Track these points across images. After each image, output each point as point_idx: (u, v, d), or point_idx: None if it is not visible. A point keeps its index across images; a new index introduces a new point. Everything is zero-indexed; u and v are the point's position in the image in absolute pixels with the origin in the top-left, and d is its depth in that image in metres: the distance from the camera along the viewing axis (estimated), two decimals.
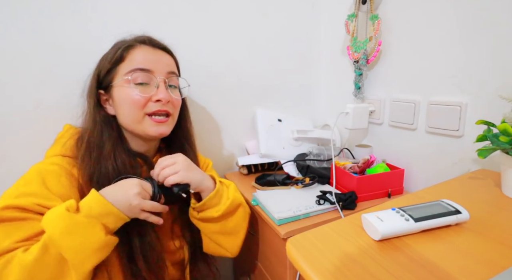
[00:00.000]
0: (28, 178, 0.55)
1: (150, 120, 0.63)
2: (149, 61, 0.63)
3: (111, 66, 0.63)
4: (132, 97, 0.61)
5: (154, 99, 0.62)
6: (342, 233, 0.44)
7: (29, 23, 0.73)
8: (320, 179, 0.90)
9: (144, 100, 0.62)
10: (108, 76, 0.63)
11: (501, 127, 0.52)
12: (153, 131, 0.64)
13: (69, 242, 0.45)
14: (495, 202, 0.52)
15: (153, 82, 0.63)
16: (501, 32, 0.63)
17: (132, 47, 0.63)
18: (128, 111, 0.62)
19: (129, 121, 0.63)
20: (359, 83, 0.98)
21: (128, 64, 0.62)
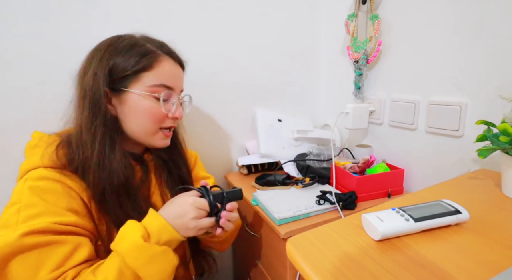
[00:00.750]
0: (25, 199, 0.49)
1: (162, 134, 0.65)
2: (173, 78, 0.63)
3: (134, 72, 0.58)
4: (154, 110, 0.61)
5: (171, 116, 0.64)
6: (342, 233, 0.44)
7: (29, 23, 0.73)
8: (320, 179, 0.90)
9: (161, 116, 0.62)
10: (126, 80, 0.58)
11: (501, 127, 0.52)
12: (161, 143, 0.65)
13: (151, 271, 0.49)
14: (495, 202, 0.52)
15: (172, 99, 0.64)
16: (501, 32, 0.63)
17: (160, 57, 0.61)
18: (143, 122, 0.61)
19: (140, 131, 0.62)
20: (359, 83, 0.98)
21: (155, 75, 0.59)
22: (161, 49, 0.62)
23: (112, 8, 0.82)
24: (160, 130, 0.64)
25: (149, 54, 0.59)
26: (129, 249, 0.49)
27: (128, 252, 0.49)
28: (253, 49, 1.06)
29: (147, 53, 0.59)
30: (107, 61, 0.58)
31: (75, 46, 0.78)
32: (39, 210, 0.49)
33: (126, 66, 0.58)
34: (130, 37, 0.61)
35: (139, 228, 0.51)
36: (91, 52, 0.61)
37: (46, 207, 0.49)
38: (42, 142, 0.58)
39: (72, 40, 0.78)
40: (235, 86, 1.05)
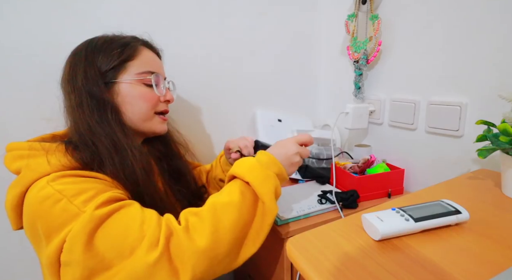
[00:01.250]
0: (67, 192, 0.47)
1: (158, 118, 0.68)
2: (156, 65, 0.67)
3: (119, 63, 0.61)
4: (147, 95, 0.63)
5: (164, 99, 0.67)
6: (342, 233, 0.44)
7: (29, 23, 0.73)
8: (320, 179, 0.90)
9: (155, 100, 0.65)
10: (114, 71, 0.61)
11: (501, 127, 0.52)
12: (160, 128, 0.68)
13: (266, 189, 0.55)
14: (495, 202, 0.52)
15: (161, 84, 0.67)
16: (501, 32, 0.63)
17: (139, 47, 0.65)
18: (140, 108, 0.63)
19: (138, 118, 0.64)
20: (359, 83, 0.98)
21: (139, 63, 0.63)
22: (136, 40, 0.66)
23: (112, 8, 0.82)
24: (156, 114, 0.67)
25: (129, 44, 0.63)
26: (248, 169, 0.57)
27: (248, 172, 0.56)
28: (253, 49, 1.06)
29: (127, 44, 0.63)
30: (92, 58, 0.60)
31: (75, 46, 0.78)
32: (91, 192, 0.48)
33: (111, 58, 0.61)
34: (104, 36, 0.64)
35: (253, 158, 0.59)
36: (70, 57, 0.62)
37: (95, 187, 0.49)
38: (37, 150, 0.53)
39: (72, 41, 0.78)
40: (235, 86, 1.05)
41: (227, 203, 0.52)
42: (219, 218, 0.50)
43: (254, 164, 0.58)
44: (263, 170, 0.57)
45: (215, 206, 0.52)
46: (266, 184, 0.56)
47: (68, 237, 0.44)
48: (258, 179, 0.56)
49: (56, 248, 0.44)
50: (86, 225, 0.44)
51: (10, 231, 0.60)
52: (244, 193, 0.55)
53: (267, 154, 0.61)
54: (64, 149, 0.54)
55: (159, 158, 0.73)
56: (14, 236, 0.79)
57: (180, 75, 0.75)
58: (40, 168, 0.50)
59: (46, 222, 0.46)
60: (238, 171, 0.57)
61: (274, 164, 0.59)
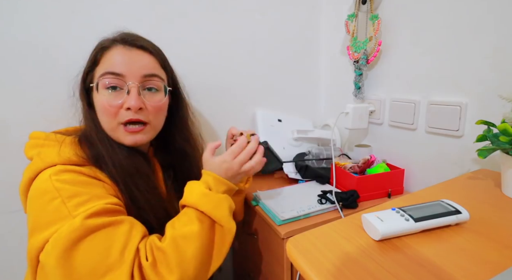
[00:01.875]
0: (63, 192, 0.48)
1: (123, 130, 0.58)
2: (122, 64, 0.57)
3: (89, 69, 0.60)
4: (102, 104, 0.57)
5: (125, 107, 0.57)
6: (342, 233, 0.44)
7: (30, 23, 0.73)
8: (320, 179, 0.90)
9: (114, 109, 0.57)
10: (87, 79, 0.61)
11: (501, 127, 0.52)
12: (128, 140, 0.59)
13: (220, 213, 0.56)
14: (495, 202, 0.52)
15: (124, 88, 0.57)
16: (501, 32, 0.63)
17: (107, 48, 0.59)
18: (102, 118, 0.58)
19: (106, 129, 0.59)
20: (359, 83, 0.98)
21: (102, 66, 0.58)
22: (113, 39, 0.60)
23: (112, 8, 0.82)
24: (122, 125, 0.58)
25: (98, 48, 0.60)
26: (199, 198, 0.56)
27: (199, 200, 0.56)
28: (253, 49, 1.05)
29: (97, 48, 0.61)
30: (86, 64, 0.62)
31: (76, 46, 0.78)
32: (86, 197, 0.49)
33: (87, 65, 0.61)
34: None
35: (202, 183, 0.59)
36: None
37: (90, 193, 0.50)
38: (51, 141, 0.57)
39: (72, 40, 0.78)
40: (235, 86, 1.05)
41: (187, 234, 0.52)
42: (183, 250, 0.51)
43: (203, 191, 0.57)
44: (213, 194, 0.58)
45: (176, 240, 0.51)
46: (219, 208, 0.57)
47: (52, 237, 0.44)
48: (211, 205, 0.56)
49: (38, 246, 0.45)
50: (73, 231, 0.44)
51: (10, 231, 0.60)
52: (201, 220, 0.55)
53: (211, 175, 0.60)
54: (76, 142, 0.58)
55: (167, 167, 0.72)
56: (14, 236, 0.79)
57: (179, 75, 0.75)
58: (48, 158, 0.53)
59: (37, 216, 0.48)
60: (191, 201, 0.57)
61: (221, 183, 0.60)
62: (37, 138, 0.58)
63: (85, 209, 0.47)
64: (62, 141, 0.56)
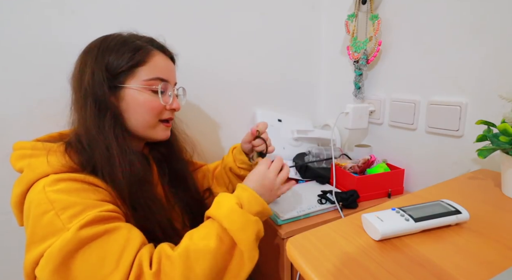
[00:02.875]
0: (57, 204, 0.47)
1: (162, 126, 0.66)
2: (167, 71, 0.65)
3: (128, 67, 0.59)
4: (152, 104, 0.61)
5: (170, 107, 0.65)
6: (342, 233, 0.44)
7: (30, 23, 0.73)
8: (320, 179, 0.90)
9: (162, 108, 0.64)
10: (121, 76, 0.59)
11: (501, 127, 0.52)
12: (163, 135, 0.67)
13: (244, 236, 0.52)
14: (495, 202, 0.52)
15: (168, 91, 0.65)
16: (501, 32, 0.63)
17: (152, 52, 0.62)
18: (144, 116, 0.62)
19: (141, 125, 0.62)
20: (359, 83, 0.98)
21: (149, 69, 0.60)
22: (151, 44, 0.63)
23: (112, 9, 0.82)
24: (160, 122, 0.65)
25: (142, 49, 0.61)
26: (226, 213, 0.53)
27: (226, 216, 0.52)
28: (253, 49, 1.05)
29: (139, 48, 0.60)
30: (102, 59, 0.58)
31: (76, 46, 0.78)
32: (80, 208, 0.47)
33: (120, 62, 0.59)
34: (119, 35, 0.62)
35: (234, 197, 0.56)
36: (82, 54, 0.61)
37: (84, 203, 0.48)
38: (39, 150, 0.55)
39: (72, 41, 0.78)
40: (235, 86, 1.05)
41: (201, 249, 0.49)
42: (192, 266, 0.47)
43: (232, 207, 0.53)
44: (243, 214, 0.53)
45: (188, 252, 0.48)
46: (245, 231, 0.52)
47: (46, 252, 0.43)
48: (237, 225, 0.52)
49: (33, 260, 0.44)
50: (66, 244, 0.43)
51: (9, 231, 0.60)
52: (221, 238, 0.51)
53: (247, 190, 0.57)
54: (63, 150, 0.55)
55: (160, 161, 0.73)
56: (13, 236, 0.79)
57: (179, 75, 0.75)
58: (40, 169, 0.51)
59: (32, 230, 0.47)
60: (216, 214, 0.53)
61: (256, 202, 0.56)
62: (23, 148, 0.56)
63: (79, 219, 0.46)
64: (49, 149, 0.54)
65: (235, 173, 0.82)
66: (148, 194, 0.59)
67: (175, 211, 0.72)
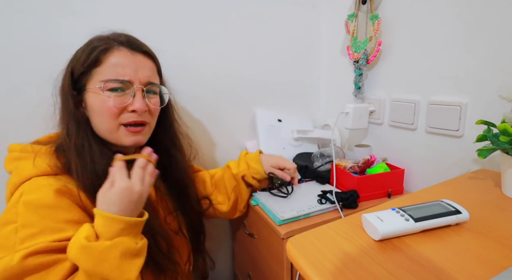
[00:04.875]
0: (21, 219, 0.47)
1: (125, 130, 0.60)
2: (127, 68, 0.58)
3: (85, 69, 0.57)
4: (106, 106, 0.57)
5: (130, 109, 0.58)
6: (342, 233, 0.44)
7: (30, 23, 0.73)
8: (320, 179, 0.90)
9: (118, 110, 0.58)
10: (82, 79, 0.58)
11: (501, 127, 0.52)
12: (129, 141, 0.60)
13: (107, 268, 0.45)
14: (495, 202, 0.52)
15: (129, 91, 0.58)
16: (501, 32, 0.63)
17: (109, 50, 0.58)
18: (102, 120, 0.58)
19: (104, 130, 0.59)
20: (359, 83, 0.98)
21: (104, 69, 0.57)
22: (114, 39, 0.60)
23: (112, 9, 0.82)
24: (123, 126, 0.59)
25: (97, 48, 0.58)
26: (78, 254, 0.45)
27: (78, 257, 0.45)
28: (253, 49, 1.05)
29: (95, 49, 0.58)
30: (72, 63, 0.60)
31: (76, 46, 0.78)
32: (37, 229, 0.46)
33: (79, 65, 0.58)
34: (92, 37, 0.62)
35: (85, 230, 0.47)
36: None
37: (43, 225, 0.47)
38: (27, 152, 0.56)
39: (72, 41, 0.78)
40: (235, 86, 1.05)
41: None
42: None
43: (80, 244, 0.45)
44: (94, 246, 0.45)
45: None
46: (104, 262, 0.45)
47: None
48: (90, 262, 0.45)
49: None
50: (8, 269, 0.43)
51: None
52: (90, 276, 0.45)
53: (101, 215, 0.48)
54: (53, 152, 0.56)
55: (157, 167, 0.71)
56: None
57: (179, 75, 0.75)
58: (24, 172, 0.53)
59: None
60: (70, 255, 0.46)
61: (113, 222, 0.47)
62: (13, 151, 0.57)
63: (30, 244, 0.45)
64: (37, 152, 0.55)
65: (247, 182, 0.82)
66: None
67: (172, 215, 0.72)
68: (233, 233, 1.11)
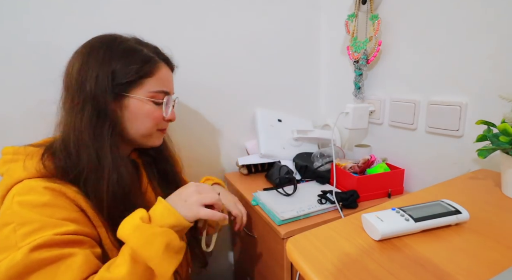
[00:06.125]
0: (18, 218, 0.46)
1: (158, 133, 0.67)
2: (169, 83, 0.67)
3: (136, 78, 0.59)
4: (155, 114, 0.63)
5: (167, 118, 0.66)
6: (342, 233, 0.44)
7: (30, 23, 0.73)
8: (320, 179, 0.90)
9: (161, 119, 0.65)
10: (128, 85, 0.59)
11: (501, 127, 0.52)
12: (158, 142, 0.68)
13: (152, 252, 0.48)
14: (495, 202, 0.52)
15: (170, 104, 0.66)
16: (501, 32, 0.63)
17: (158, 64, 0.63)
18: (145, 125, 0.63)
19: (140, 134, 0.63)
20: (359, 83, 0.98)
21: (156, 81, 0.62)
22: (157, 55, 0.64)
23: (112, 8, 0.82)
24: (158, 130, 0.66)
25: (150, 60, 0.61)
26: (130, 232, 0.49)
27: (129, 234, 0.49)
28: (253, 49, 1.06)
29: (148, 60, 0.61)
30: (109, 65, 0.56)
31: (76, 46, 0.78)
32: (37, 225, 0.45)
33: (128, 72, 0.57)
34: (125, 41, 0.61)
35: (140, 212, 0.52)
36: (83, 54, 0.58)
37: (42, 221, 0.46)
38: (19, 155, 0.55)
39: (73, 41, 0.78)
40: (235, 86, 1.05)
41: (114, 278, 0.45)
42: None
43: (134, 223, 0.49)
44: (146, 228, 0.49)
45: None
46: (151, 245, 0.48)
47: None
48: (140, 241, 0.48)
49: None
50: (14, 265, 0.41)
51: None
52: (135, 259, 0.47)
53: (161, 203, 0.53)
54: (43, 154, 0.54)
55: (150, 163, 0.73)
56: None
57: (179, 75, 0.75)
58: (16, 174, 0.51)
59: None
60: (121, 235, 0.49)
61: (169, 214, 0.51)
62: (7, 153, 0.56)
63: (32, 239, 0.43)
64: (27, 154, 0.54)
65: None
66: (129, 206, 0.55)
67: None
68: (233, 232, 1.11)
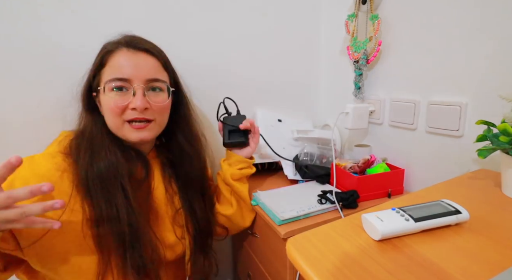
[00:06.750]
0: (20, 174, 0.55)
1: (129, 127, 0.63)
2: (127, 67, 0.61)
3: (95, 72, 0.64)
4: (109, 105, 0.61)
5: (131, 107, 0.61)
6: (342, 233, 0.44)
7: (30, 23, 0.73)
8: (319, 178, 0.90)
9: (119, 109, 0.61)
10: (95, 81, 0.65)
11: (501, 127, 0.52)
12: (134, 137, 0.64)
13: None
14: (495, 202, 0.52)
15: (131, 89, 0.62)
16: (501, 32, 0.63)
17: (112, 52, 0.62)
18: (108, 117, 0.63)
19: (112, 128, 0.64)
20: (359, 83, 0.98)
21: (108, 70, 0.62)
22: (118, 42, 0.64)
23: (112, 8, 0.82)
24: (127, 122, 0.63)
25: (104, 52, 0.63)
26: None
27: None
28: (253, 49, 1.05)
29: (102, 52, 0.64)
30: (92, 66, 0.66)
31: (76, 46, 0.78)
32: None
33: (93, 67, 0.65)
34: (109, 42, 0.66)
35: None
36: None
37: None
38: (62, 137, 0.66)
39: (73, 40, 0.78)
40: (235, 86, 1.05)
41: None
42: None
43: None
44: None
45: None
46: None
47: None
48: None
49: None
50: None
51: None
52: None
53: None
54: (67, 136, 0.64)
55: (166, 165, 0.73)
56: None
57: (179, 76, 0.75)
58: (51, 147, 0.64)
59: None
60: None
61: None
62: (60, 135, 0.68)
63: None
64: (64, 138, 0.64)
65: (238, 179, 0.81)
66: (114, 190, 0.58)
67: (179, 214, 0.72)
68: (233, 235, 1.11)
